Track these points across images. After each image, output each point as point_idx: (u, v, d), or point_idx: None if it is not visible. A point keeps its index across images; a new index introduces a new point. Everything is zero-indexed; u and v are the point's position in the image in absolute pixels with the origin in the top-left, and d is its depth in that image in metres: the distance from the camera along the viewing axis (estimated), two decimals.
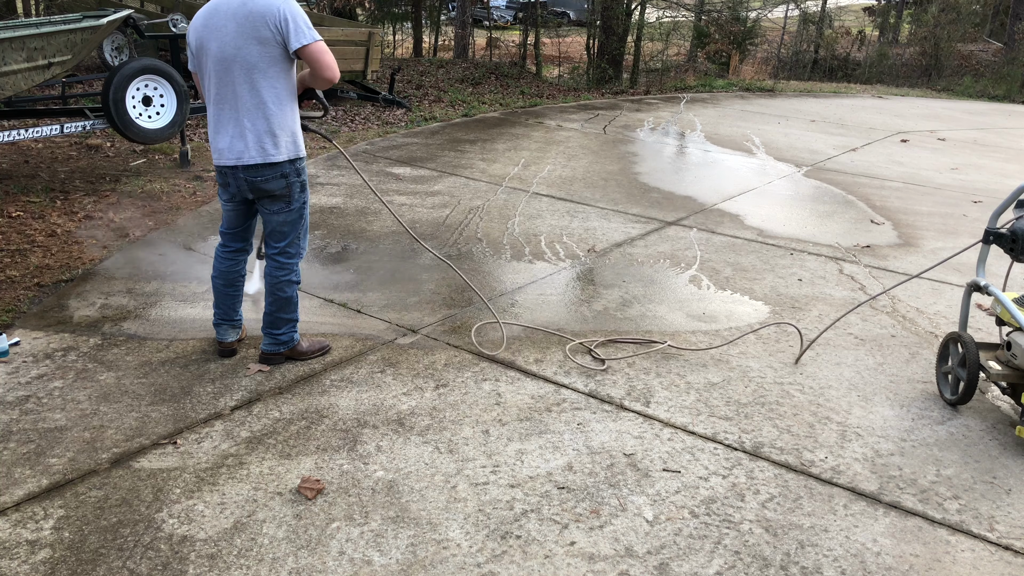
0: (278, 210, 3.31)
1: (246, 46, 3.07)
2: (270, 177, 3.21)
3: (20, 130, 5.62)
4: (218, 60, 3.11)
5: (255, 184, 3.22)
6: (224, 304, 3.48)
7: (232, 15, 3.07)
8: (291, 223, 3.35)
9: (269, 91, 3.14)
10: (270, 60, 3.10)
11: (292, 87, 3.23)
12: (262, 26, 3.05)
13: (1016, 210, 3.31)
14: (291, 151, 3.24)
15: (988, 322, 4.29)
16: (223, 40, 3.09)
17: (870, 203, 6.63)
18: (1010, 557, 2.52)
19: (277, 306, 3.41)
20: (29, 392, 3.18)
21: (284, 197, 3.28)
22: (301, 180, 3.32)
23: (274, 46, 3.09)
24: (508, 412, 3.20)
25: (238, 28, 3.07)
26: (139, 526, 2.46)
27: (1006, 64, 17.00)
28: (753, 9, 17.11)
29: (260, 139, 3.16)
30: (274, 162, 3.19)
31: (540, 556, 2.42)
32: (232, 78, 3.12)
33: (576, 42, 17.32)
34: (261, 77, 3.11)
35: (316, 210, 5.65)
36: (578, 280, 4.63)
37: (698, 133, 9.30)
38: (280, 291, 3.39)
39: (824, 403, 3.40)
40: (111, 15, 5.89)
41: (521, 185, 6.57)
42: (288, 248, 3.38)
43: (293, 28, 3.08)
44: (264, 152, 3.17)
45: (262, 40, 3.07)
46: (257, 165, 3.18)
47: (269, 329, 3.45)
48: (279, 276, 3.38)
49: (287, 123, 3.21)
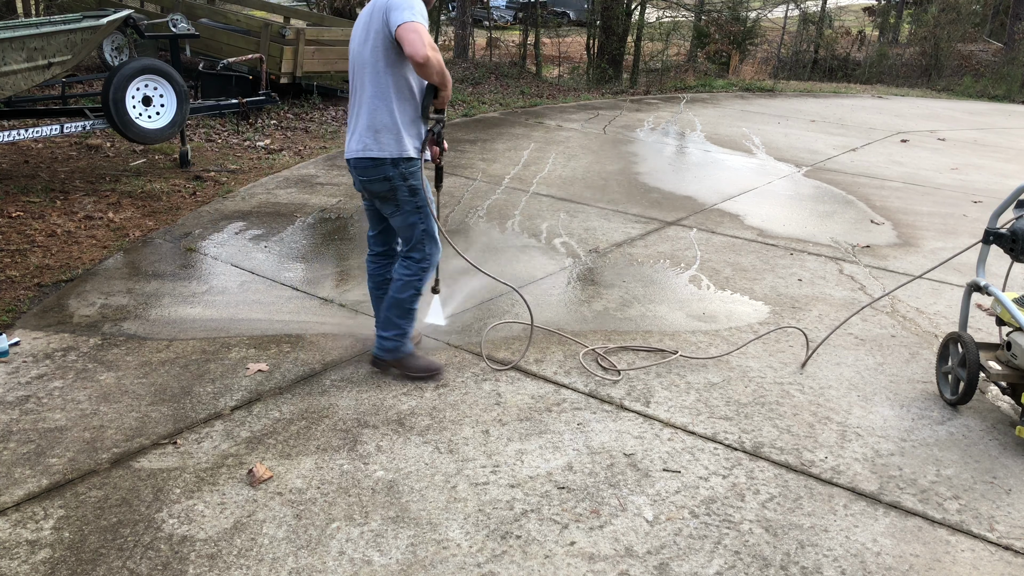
0: (391, 212, 3.27)
1: (365, 42, 3.11)
2: (374, 177, 3.16)
3: (20, 130, 5.62)
4: (352, 62, 3.21)
5: (363, 182, 3.23)
6: (378, 307, 3.47)
7: (366, 13, 3.14)
8: (408, 226, 3.27)
9: (374, 86, 3.11)
10: (377, 54, 3.08)
11: (401, 83, 3.12)
12: (377, 19, 3.05)
13: (1016, 210, 3.31)
14: (393, 150, 3.13)
15: (988, 322, 4.29)
16: (355, 39, 3.19)
17: (870, 203, 6.63)
18: (1010, 557, 2.52)
19: (390, 303, 3.35)
20: (29, 392, 3.18)
21: (391, 199, 3.22)
22: (409, 184, 3.18)
23: (383, 38, 3.05)
24: (508, 412, 3.20)
25: (365, 28, 3.12)
26: (139, 526, 2.46)
27: (1006, 64, 17.00)
28: (753, 9, 17.11)
29: (364, 136, 3.14)
30: (373, 157, 3.13)
31: (540, 556, 2.42)
32: (355, 78, 3.19)
33: (576, 42, 17.33)
34: (371, 72, 3.11)
35: (316, 210, 5.65)
36: (578, 280, 4.63)
37: (698, 133, 9.30)
38: (398, 291, 3.32)
39: (824, 403, 3.40)
40: (111, 15, 5.89)
41: (521, 185, 6.56)
42: (412, 252, 3.31)
43: (395, 12, 2.96)
44: (365, 148, 3.14)
45: (376, 34, 3.06)
46: (360, 160, 3.16)
47: (379, 330, 3.39)
48: (402, 277, 3.32)
49: (392, 120, 3.12)
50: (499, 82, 12.61)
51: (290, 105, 9.20)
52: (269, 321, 3.91)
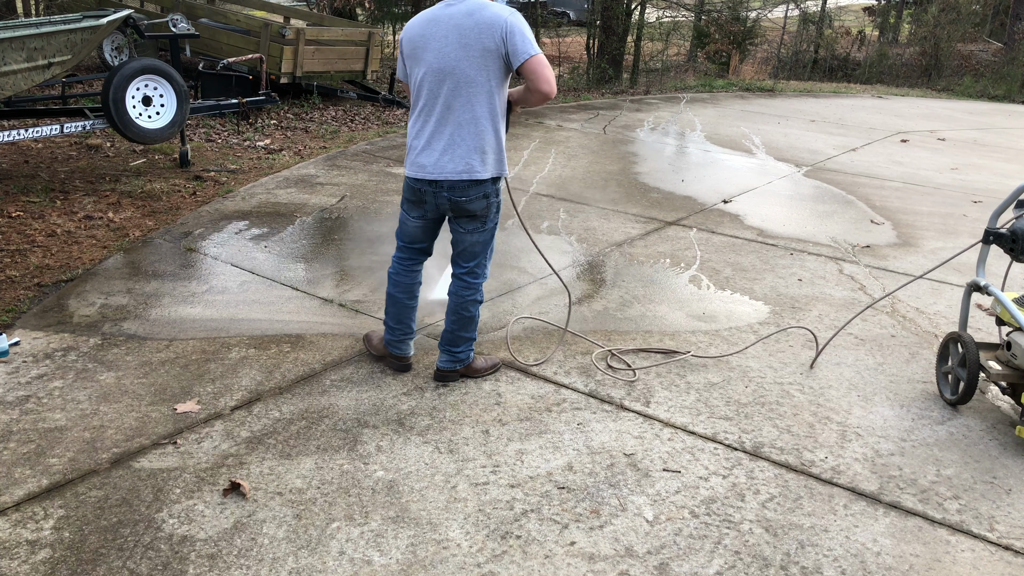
0: (473, 229, 3.20)
1: (467, 58, 2.97)
2: (474, 197, 3.10)
3: (20, 130, 5.62)
4: (435, 71, 3.01)
5: (458, 203, 3.11)
6: (406, 317, 3.38)
7: (455, 26, 2.97)
8: (483, 243, 3.25)
9: (483, 106, 3.04)
10: (489, 74, 3.01)
11: (504, 104, 3.14)
12: (488, 38, 2.95)
13: (1016, 210, 3.31)
14: (496, 169, 3.13)
15: (988, 322, 4.29)
16: (443, 50, 2.99)
17: (870, 203, 6.63)
18: (1010, 557, 2.52)
19: (459, 324, 3.32)
20: (29, 392, 3.18)
21: (482, 216, 3.19)
22: (499, 200, 3.23)
23: (496, 59, 2.99)
24: (508, 412, 3.20)
25: (461, 38, 2.97)
26: (139, 526, 2.46)
27: (1006, 64, 17.00)
28: (753, 9, 17.10)
29: (468, 156, 3.05)
30: (480, 179, 3.09)
31: (540, 556, 2.42)
32: (446, 90, 3.01)
33: (576, 42, 17.31)
34: (478, 91, 3.01)
35: (316, 210, 5.65)
36: (578, 280, 4.63)
37: (698, 133, 9.30)
38: (465, 310, 3.30)
39: (824, 403, 3.40)
40: (111, 15, 5.89)
41: (521, 185, 6.56)
42: (476, 268, 3.29)
43: (520, 40, 2.96)
44: (471, 169, 3.06)
45: (485, 52, 2.97)
46: (464, 182, 3.07)
47: (448, 347, 3.36)
48: (465, 296, 3.29)
49: (496, 140, 3.11)
50: None
51: (290, 105, 9.20)
52: (269, 321, 3.91)
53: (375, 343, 3.55)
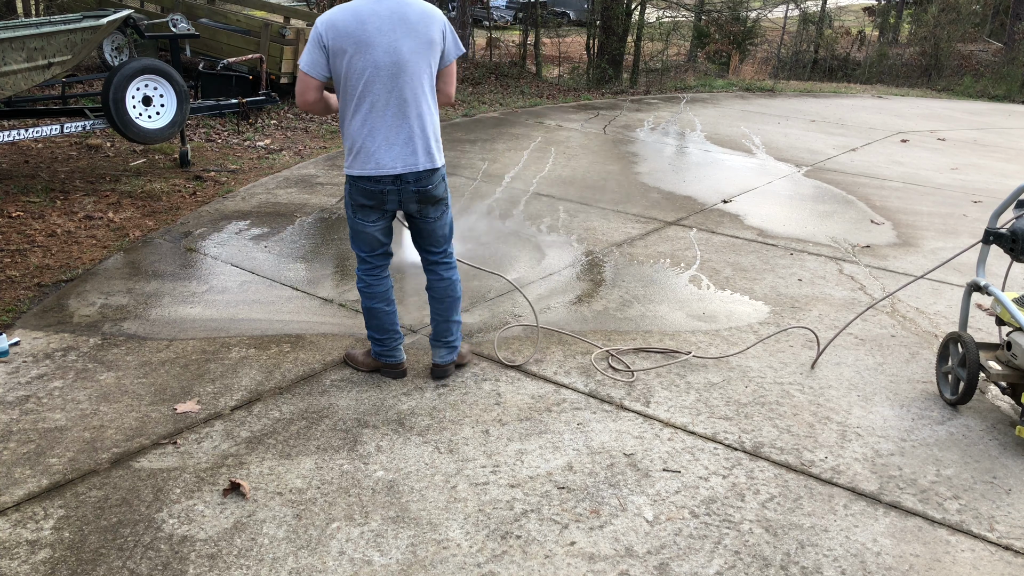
0: (440, 215, 3.25)
1: (417, 50, 2.99)
2: (437, 183, 3.16)
3: (20, 130, 5.62)
4: (388, 65, 2.95)
5: (426, 192, 3.13)
6: (390, 324, 3.35)
7: (401, 18, 2.95)
8: (450, 223, 3.32)
9: (431, 97, 3.11)
10: (432, 66, 3.07)
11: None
12: (434, 30, 3.02)
13: (1016, 210, 3.31)
14: (443, 155, 3.23)
15: (988, 322, 4.29)
16: (393, 44, 2.94)
17: (870, 203, 6.63)
18: (1010, 557, 2.52)
19: (452, 309, 3.37)
20: (29, 392, 3.18)
21: (445, 199, 3.25)
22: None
23: (437, 51, 3.06)
24: (508, 412, 3.20)
25: (409, 31, 2.97)
26: (139, 526, 2.46)
27: (1006, 64, 17.00)
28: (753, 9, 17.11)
29: (428, 145, 3.10)
30: (439, 166, 3.16)
31: (540, 556, 2.42)
32: (401, 83, 2.99)
33: (576, 42, 17.32)
34: (427, 82, 3.07)
35: (316, 210, 5.65)
36: (578, 280, 4.63)
37: (698, 133, 9.30)
38: (454, 291, 3.36)
39: (824, 403, 3.40)
40: (111, 15, 5.89)
41: (521, 185, 6.56)
42: (449, 248, 3.36)
43: (453, 40, 3.09)
44: (431, 158, 3.11)
45: (431, 44, 3.02)
46: (428, 171, 3.11)
47: (443, 338, 3.38)
48: (452, 277, 3.35)
49: (438, 128, 3.19)
50: (499, 82, 12.61)
51: (290, 105, 9.20)
52: (269, 321, 3.91)
53: (361, 359, 3.49)
